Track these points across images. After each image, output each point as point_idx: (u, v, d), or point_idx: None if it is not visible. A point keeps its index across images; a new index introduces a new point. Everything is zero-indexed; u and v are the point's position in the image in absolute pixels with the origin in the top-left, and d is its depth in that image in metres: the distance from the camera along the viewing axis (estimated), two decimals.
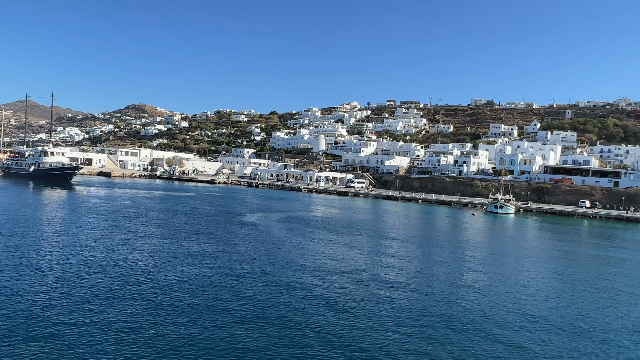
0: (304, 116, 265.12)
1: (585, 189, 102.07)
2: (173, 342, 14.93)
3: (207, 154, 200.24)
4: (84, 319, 16.14)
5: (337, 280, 24.20)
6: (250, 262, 27.00)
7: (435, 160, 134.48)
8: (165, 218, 44.05)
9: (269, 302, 19.67)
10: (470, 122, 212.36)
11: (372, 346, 15.72)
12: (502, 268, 30.97)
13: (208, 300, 19.24)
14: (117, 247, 28.43)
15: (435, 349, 15.94)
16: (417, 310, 19.82)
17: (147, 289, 20.12)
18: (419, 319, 18.81)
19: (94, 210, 45.28)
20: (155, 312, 17.37)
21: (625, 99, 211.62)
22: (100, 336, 14.87)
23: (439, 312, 19.77)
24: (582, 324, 19.69)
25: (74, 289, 19.46)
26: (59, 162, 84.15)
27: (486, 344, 16.65)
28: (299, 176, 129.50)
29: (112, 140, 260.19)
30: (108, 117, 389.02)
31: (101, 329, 15.40)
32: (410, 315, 19.19)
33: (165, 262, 25.59)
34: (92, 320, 16.09)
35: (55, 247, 27.38)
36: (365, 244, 36.97)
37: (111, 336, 14.94)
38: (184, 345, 14.76)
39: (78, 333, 15.01)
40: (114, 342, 14.53)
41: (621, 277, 30.58)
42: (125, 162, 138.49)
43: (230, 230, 39.24)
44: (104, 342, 14.51)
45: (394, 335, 16.80)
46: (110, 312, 16.99)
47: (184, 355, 14.11)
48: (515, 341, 17.08)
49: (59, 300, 17.86)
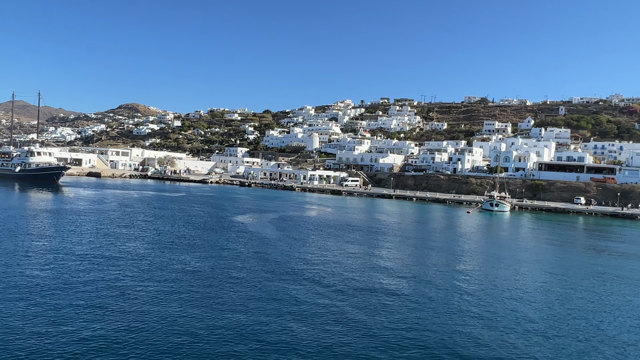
0: (297, 114, 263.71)
1: (580, 185, 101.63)
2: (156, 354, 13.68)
3: (200, 153, 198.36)
4: (55, 330, 14.84)
5: (327, 288, 23.00)
6: (239, 269, 25.75)
7: (430, 157, 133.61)
8: (150, 220, 42.64)
9: (259, 311, 18.46)
10: (464, 120, 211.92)
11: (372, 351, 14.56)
12: (504, 271, 29.88)
13: (188, 312, 17.99)
14: (95, 255, 27.07)
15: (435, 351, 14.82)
16: (414, 319, 18.66)
17: (130, 300, 18.83)
18: (415, 327, 17.66)
19: (76, 213, 43.77)
20: (136, 325, 16.10)
21: (618, 95, 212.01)
22: (73, 346, 13.60)
23: (438, 318, 18.64)
24: (585, 326, 18.65)
25: (46, 298, 18.13)
26: (45, 163, 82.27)
27: (486, 346, 15.53)
28: (292, 175, 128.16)
29: (104, 140, 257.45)
30: (101, 116, 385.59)
31: (75, 340, 14.12)
32: (408, 323, 18.04)
33: (147, 270, 24.28)
34: (65, 332, 14.79)
35: (27, 253, 25.96)
36: (359, 246, 35.76)
37: (85, 346, 13.66)
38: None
39: (50, 345, 13.71)
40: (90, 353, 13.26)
41: (623, 273, 29.66)
42: (116, 162, 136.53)
43: (219, 234, 37.90)
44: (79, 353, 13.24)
45: (395, 342, 15.64)
46: (83, 324, 15.70)
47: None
48: (515, 344, 15.99)
49: (28, 309, 16.55)
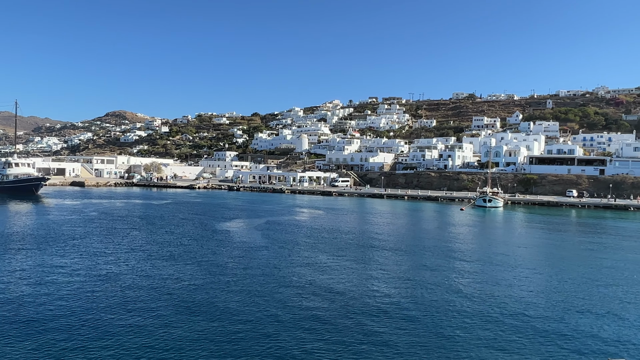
0: (286, 116, 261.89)
1: (571, 178, 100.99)
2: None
3: (188, 158, 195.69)
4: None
5: (318, 296, 21.33)
6: (219, 285, 23.98)
7: (420, 155, 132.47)
8: (126, 232, 40.66)
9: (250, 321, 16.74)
10: (453, 116, 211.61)
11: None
12: (506, 273, 28.41)
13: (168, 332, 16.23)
14: (64, 272, 25.16)
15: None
16: (412, 326, 17.05)
17: (108, 321, 17.03)
18: (413, 332, 16.05)
19: (50, 226, 41.65)
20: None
21: (604, 87, 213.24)
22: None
23: (438, 321, 17.06)
24: (587, 326, 17.18)
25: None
26: (24, 174, 79.46)
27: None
28: (282, 177, 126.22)
29: (91, 149, 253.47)
30: (88, 125, 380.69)
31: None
32: (406, 328, 16.43)
33: (117, 287, 22.45)
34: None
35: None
36: (350, 250, 34.08)
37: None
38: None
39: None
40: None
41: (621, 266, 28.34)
42: (101, 171, 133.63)
43: (199, 244, 36.06)
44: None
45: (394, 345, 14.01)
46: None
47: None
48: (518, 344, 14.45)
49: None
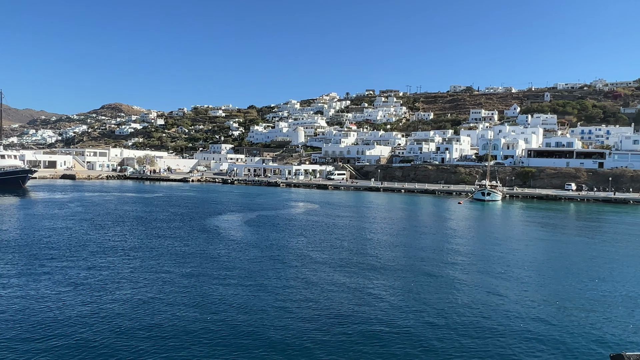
0: (282, 109, 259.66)
1: (570, 171, 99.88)
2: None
3: (183, 151, 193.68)
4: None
5: (315, 294, 19.98)
6: (210, 284, 22.60)
7: (417, 148, 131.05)
8: (111, 226, 39.18)
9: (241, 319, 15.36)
10: (450, 109, 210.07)
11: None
12: (503, 268, 27.12)
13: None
14: (43, 272, 23.73)
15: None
16: (413, 330, 15.73)
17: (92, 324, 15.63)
18: (414, 334, 14.72)
19: (31, 220, 40.12)
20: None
21: (602, 80, 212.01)
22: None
23: (438, 320, 15.74)
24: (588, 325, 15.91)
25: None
26: (10, 166, 77.67)
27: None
28: (277, 170, 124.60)
29: (85, 141, 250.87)
30: (83, 117, 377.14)
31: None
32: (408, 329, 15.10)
33: (100, 290, 21.04)
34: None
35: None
36: (344, 246, 32.75)
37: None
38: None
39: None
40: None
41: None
42: (93, 163, 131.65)
43: (185, 240, 34.67)
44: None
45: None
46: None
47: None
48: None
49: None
